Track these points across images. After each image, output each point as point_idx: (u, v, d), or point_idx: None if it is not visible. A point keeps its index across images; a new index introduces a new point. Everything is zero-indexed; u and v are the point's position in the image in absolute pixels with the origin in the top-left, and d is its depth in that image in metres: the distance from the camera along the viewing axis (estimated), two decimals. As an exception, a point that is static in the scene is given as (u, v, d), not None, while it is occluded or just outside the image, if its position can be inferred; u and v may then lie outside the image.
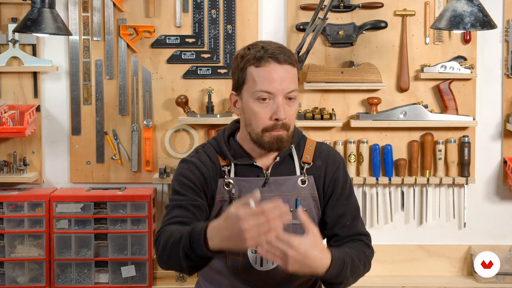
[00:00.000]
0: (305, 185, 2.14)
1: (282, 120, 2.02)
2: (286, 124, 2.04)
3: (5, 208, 3.20)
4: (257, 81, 2.03)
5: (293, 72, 2.05)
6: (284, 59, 2.02)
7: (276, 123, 2.03)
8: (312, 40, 3.07)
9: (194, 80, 3.35)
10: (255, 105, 2.04)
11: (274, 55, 2.02)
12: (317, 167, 2.16)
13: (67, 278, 3.21)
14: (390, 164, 3.33)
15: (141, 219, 3.21)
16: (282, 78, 2.01)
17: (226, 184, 2.10)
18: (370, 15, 3.31)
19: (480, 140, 3.40)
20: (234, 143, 2.15)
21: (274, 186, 2.12)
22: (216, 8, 3.33)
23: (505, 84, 3.36)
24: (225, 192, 2.10)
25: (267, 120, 2.03)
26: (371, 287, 3.25)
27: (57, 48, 3.36)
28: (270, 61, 2.02)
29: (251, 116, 2.06)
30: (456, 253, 3.41)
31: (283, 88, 2.02)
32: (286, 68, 2.03)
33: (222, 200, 2.10)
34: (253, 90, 2.03)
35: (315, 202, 2.15)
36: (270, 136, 2.04)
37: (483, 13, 2.71)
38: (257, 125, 2.05)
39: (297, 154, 2.17)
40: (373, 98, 3.29)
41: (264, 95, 2.02)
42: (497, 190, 3.43)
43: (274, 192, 2.11)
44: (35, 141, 3.37)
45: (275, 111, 2.02)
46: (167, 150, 3.36)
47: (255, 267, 2.10)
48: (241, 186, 2.10)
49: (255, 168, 2.12)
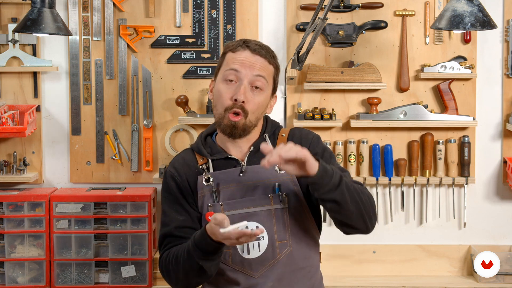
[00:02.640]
0: (282, 171, 2.17)
1: (239, 101, 2.12)
2: (244, 108, 2.14)
3: (5, 208, 3.20)
4: (229, 62, 2.17)
5: (264, 65, 2.17)
6: (259, 51, 2.17)
7: (235, 104, 2.13)
8: (312, 40, 3.07)
9: (194, 80, 3.35)
10: (222, 85, 2.17)
11: (250, 46, 2.17)
12: None
13: (67, 278, 3.21)
14: (390, 164, 3.33)
15: (141, 219, 3.21)
16: (251, 63, 2.15)
17: (206, 179, 2.20)
18: (370, 15, 3.31)
19: (480, 140, 3.40)
20: (210, 141, 2.27)
21: (252, 174, 2.19)
22: (216, 8, 3.33)
23: (505, 84, 3.36)
24: (204, 187, 2.19)
25: (228, 100, 2.14)
26: (371, 287, 3.26)
27: (57, 48, 3.36)
28: (245, 48, 2.17)
29: (217, 96, 2.19)
30: (456, 253, 3.41)
31: (250, 69, 2.14)
32: (258, 58, 2.16)
33: (203, 196, 2.19)
34: (224, 70, 2.17)
35: (295, 186, 2.20)
36: (228, 119, 2.15)
37: (483, 13, 2.71)
38: (220, 104, 2.17)
39: (272, 143, 2.24)
40: (373, 98, 3.29)
41: (231, 73, 2.15)
42: (497, 190, 3.43)
43: (253, 179, 2.19)
44: (35, 141, 3.37)
45: (236, 92, 2.13)
46: (167, 150, 3.36)
47: (243, 255, 2.16)
48: (219, 179, 2.19)
49: (231, 160, 2.22)
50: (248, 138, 2.22)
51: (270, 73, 2.19)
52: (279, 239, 2.16)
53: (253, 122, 2.18)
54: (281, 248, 2.17)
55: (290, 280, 2.18)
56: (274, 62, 2.22)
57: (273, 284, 2.16)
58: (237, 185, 2.18)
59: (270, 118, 2.30)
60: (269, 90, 2.21)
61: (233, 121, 2.14)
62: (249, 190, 2.17)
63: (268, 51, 2.20)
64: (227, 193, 2.18)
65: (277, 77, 2.24)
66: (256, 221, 2.16)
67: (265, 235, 2.16)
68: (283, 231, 2.17)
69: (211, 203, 2.18)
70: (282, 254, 2.17)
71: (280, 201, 2.17)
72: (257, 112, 2.18)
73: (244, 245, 2.15)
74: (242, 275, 2.15)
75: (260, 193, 2.17)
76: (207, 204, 2.18)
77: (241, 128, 2.16)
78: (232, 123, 2.14)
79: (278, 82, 2.25)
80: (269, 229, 2.16)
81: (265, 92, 2.18)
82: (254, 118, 2.17)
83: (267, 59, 2.18)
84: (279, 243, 2.16)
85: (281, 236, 2.17)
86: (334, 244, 3.35)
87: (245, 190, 2.18)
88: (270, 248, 2.16)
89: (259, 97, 2.16)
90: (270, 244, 2.16)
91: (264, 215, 2.16)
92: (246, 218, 2.15)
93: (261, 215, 2.16)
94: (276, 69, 2.22)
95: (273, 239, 2.16)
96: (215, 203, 2.17)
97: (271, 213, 2.16)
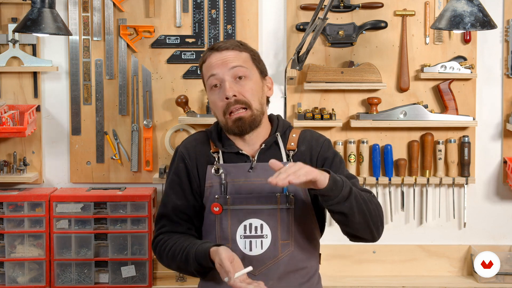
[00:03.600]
0: None
1: (230, 98, 2.14)
2: (239, 100, 2.16)
3: (5, 208, 3.20)
4: (205, 73, 2.21)
5: (235, 54, 2.19)
6: (224, 47, 2.20)
7: (229, 102, 2.15)
8: (312, 40, 3.07)
9: (194, 80, 3.35)
10: (211, 95, 2.21)
11: (213, 47, 2.21)
12: (302, 153, 2.24)
13: (67, 278, 3.21)
14: (390, 164, 3.33)
15: (141, 219, 3.21)
16: (222, 60, 2.17)
17: (216, 170, 2.20)
18: (370, 15, 3.31)
19: (480, 140, 3.39)
20: (224, 134, 2.27)
21: (261, 171, 2.19)
22: (216, 8, 3.33)
23: (505, 84, 3.36)
24: (214, 178, 2.21)
25: (221, 102, 2.17)
26: (371, 287, 3.26)
27: (57, 48, 3.36)
28: (211, 52, 2.21)
29: (213, 107, 2.22)
30: (456, 253, 3.41)
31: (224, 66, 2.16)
32: (225, 53, 2.18)
33: (211, 186, 2.21)
34: (206, 81, 2.22)
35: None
36: (231, 119, 2.16)
37: (483, 13, 2.70)
38: (218, 112, 2.19)
39: (283, 143, 2.24)
40: (373, 98, 3.29)
41: (212, 79, 2.18)
42: (497, 190, 3.43)
43: (261, 177, 2.19)
44: (35, 141, 3.37)
45: (223, 92, 2.15)
46: (167, 150, 3.36)
47: (244, 251, 2.17)
48: (229, 172, 2.20)
49: (242, 156, 2.23)
50: (258, 135, 2.23)
51: (246, 59, 2.20)
52: (282, 239, 2.17)
53: (259, 110, 2.19)
54: (283, 248, 2.17)
55: (289, 280, 2.19)
56: (245, 48, 2.23)
57: (273, 283, 2.16)
58: (245, 181, 2.19)
59: (282, 118, 2.32)
60: (256, 74, 2.22)
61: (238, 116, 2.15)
62: (257, 187, 2.18)
63: (232, 43, 2.22)
64: (235, 187, 2.19)
65: (257, 60, 2.25)
66: (261, 219, 2.17)
67: (269, 233, 2.16)
68: (286, 231, 2.17)
69: (218, 194, 2.19)
70: (284, 254, 2.17)
71: (286, 201, 2.18)
72: (256, 98, 2.19)
73: (246, 242, 2.16)
74: None
75: (268, 191, 2.18)
76: (214, 195, 2.19)
77: (249, 120, 2.16)
78: (237, 117, 2.15)
79: (262, 64, 2.26)
80: (273, 228, 2.17)
81: (252, 78, 2.19)
82: (257, 104, 2.18)
83: (235, 49, 2.20)
84: (282, 242, 2.17)
85: (284, 236, 2.17)
86: (334, 244, 3.35)
87: (253, 187, 2.19)
88: (272, 247, 2.16)
89: (247, 84, 2.18)
90: (273, 243, 2.16)
91: (269, 214, 2.17)
92: (251, 214, 2.16)
93: (266, 213, 2.17)
94: (251, 53, 2.23)
95: (276, 238, 2.16)
96: (222, 196, 2.18)
97: (277, 212, 2.17)
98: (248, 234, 2.17)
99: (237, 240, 2.17)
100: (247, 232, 2.17)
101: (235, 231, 2.18)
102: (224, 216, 2.18)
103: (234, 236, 2.17)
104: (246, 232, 2.17)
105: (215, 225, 2.20)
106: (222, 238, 2.19)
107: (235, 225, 2.18)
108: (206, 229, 2.24)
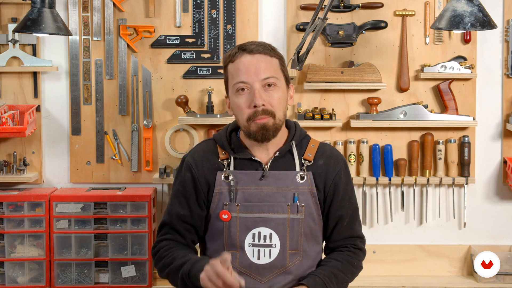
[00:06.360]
0: (303, 180, 2.17)
1: (259, 106, 2.10)
2: (267, 110, 2.11)
3: (5, 208, 3.20)
4: (233, 75, 2.14)
5: (267, 60, 2.13)
6: (257, 50, 2.13)
7: (256, 110, 2.11)
8: (312, 40, 3.07)
9: (194, 80, 3.35)
10: (236, 98, 2.14)
11: (245, 48, 2.13)
12: (318, 166, 2.20)
13: (67, 278, 3.21)
14: (390, 164, 3.33)
15: (141, 219, 3.21)
16: (254, 66, 2.11)
17: (225, 176, 2.17)
18: (370, 15, 3.31)
19: (480, 140, 3.40)
20: (235, 138, 2.22)
21: (272, 180, 2.17)
22: (216, 8, 3.33)
23: (505, 84, 3.36)
24: (223, 184, 2.17)
25: (247, 109, 2.11)
26: (371, 287, 3.26)
27: (57, 48, 3.36)
28: (242, 53, 2.13)
29: (236, 109, 2.16)
30: (456, 253, 3.41)
31: (256, 75, 2.10)
32: (259, 57, 2.12)
33: (220, 192, 2.17)
34: (232, 84, 2.14)
35: (313, 197, 2.18)
36: (255, 124, 2.11)
37: (483, 13, 2.71)
38: (241, 116, 2.14)
39: (298, 152, 2.21)
40: (373, 98, 3.29)
41: (240, 85, 2.12)
42: (497, 190, 3.43)
43: (272, 186, 2.16)
44: (35, 141, 3.37)
45: (252, 99, 2.10)
46: (167, 150, 3.36)
47: (252, 260, 2.14)
48: (239, 179, 2.17)
49: (254, 162, 2.19)
50: (274, 141, 2.19)
51: (276, 67, 2.16)
52: (291, 248, 2.15)
53: (282, 120, 2.16)
54: (291, 257, 2.16)
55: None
56: (275, 53, 2.18)
57: None
58: (256, 189, 2.16)
59: (299, 125, 2.27)
60: (283, 83, 2.17)
61: (262, 122, 2.11)
62: (267, 195, 2.16)
63: (265, 46, 2.16)
64: (245, 195, 2.16)
65: (284, 66, 2.20)
66: (270, 228, 2.15)
67: (277, 242, 2.15)
68: (296, 241, 2.16)
69: (227, 201, 2.16)
70: (292, 263, 2.15)
71: (297, 211, 2.15)
72: (282, 108, 2.15)
73: (254, 250, 2.14)
74: (248, 278, 2.14)
75: (278, 200, 2.15)
76: (222, 202, 2.17)
77: (272, 129, 2.13)
78: (262, 125, 2.11)
79: (287, 71, 2.22)
80: (282, 237, 2.15)
81: (280, 86, 2.15)
82: (281, 114, 2.15)
83: (267, 54, 2.14)
84: (290, 252, 2.15)
85: (293, 245, 2.16)
86: (334, 244, 3.35)
87: (263, 195, 2.16)
88: (281, 256, 2.15)
89: (276, 93, 2.13)
90: (281, 252, 2.15)
91: (278, 223, 2.15)
92: (260, 223, 2.14)
93: (276, 222, 2.15)
94: (280, 59, 2.18)
95: (284, 248, 2.15)
96: (231, 203, 2.16)
97: (286, 221, 2.15)
98: (257, 242, 2.15)
99: (245, 248, 2.15)
100: (255, 241, 2.15)
101: (243, 239, 2.15)
102: (233, 224, 2.15)
103: (243, 244, 2.15)
104: (255, 241, 2.15)
105: (223, 232, 2.17)
106: (230, 245, 2.16)
107: (243, 233, 2.15)
108: (213, 236, 2.21)
